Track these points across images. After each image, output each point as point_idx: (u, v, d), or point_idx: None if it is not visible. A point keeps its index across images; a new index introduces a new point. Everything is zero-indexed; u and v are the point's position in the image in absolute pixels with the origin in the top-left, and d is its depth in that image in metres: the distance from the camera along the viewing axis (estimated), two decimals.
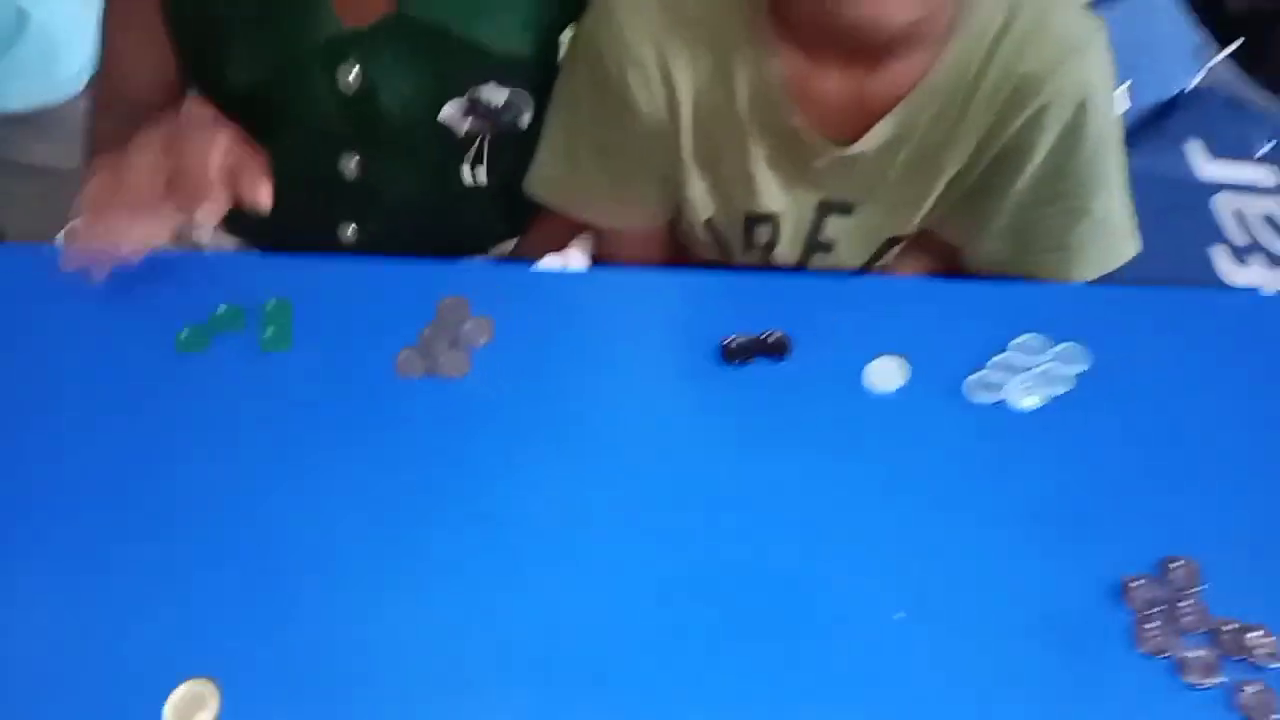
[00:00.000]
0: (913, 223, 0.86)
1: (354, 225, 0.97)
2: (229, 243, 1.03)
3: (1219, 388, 0.76)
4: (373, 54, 0.84)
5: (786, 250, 0.89)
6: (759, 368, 0.76)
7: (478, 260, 0.98)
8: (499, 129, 0.89)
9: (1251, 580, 0.67)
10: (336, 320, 0.78)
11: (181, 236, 0.93)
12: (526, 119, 0.88)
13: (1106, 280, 0.87)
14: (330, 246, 0.97)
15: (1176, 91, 1.36)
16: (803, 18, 0.75)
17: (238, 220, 1.03)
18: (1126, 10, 1.32)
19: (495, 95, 0.87)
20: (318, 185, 0.92)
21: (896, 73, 0.77)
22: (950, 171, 0.82)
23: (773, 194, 0.84)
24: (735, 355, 0.76)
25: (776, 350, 0.77)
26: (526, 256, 0.97)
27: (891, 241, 0.88)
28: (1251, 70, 1.41)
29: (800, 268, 0.90)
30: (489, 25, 0.84)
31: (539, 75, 0.87)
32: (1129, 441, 0.73)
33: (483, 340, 0.77)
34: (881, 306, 0.80)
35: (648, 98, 0.80)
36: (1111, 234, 0.86)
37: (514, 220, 1.01)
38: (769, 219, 0.87)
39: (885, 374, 0.76)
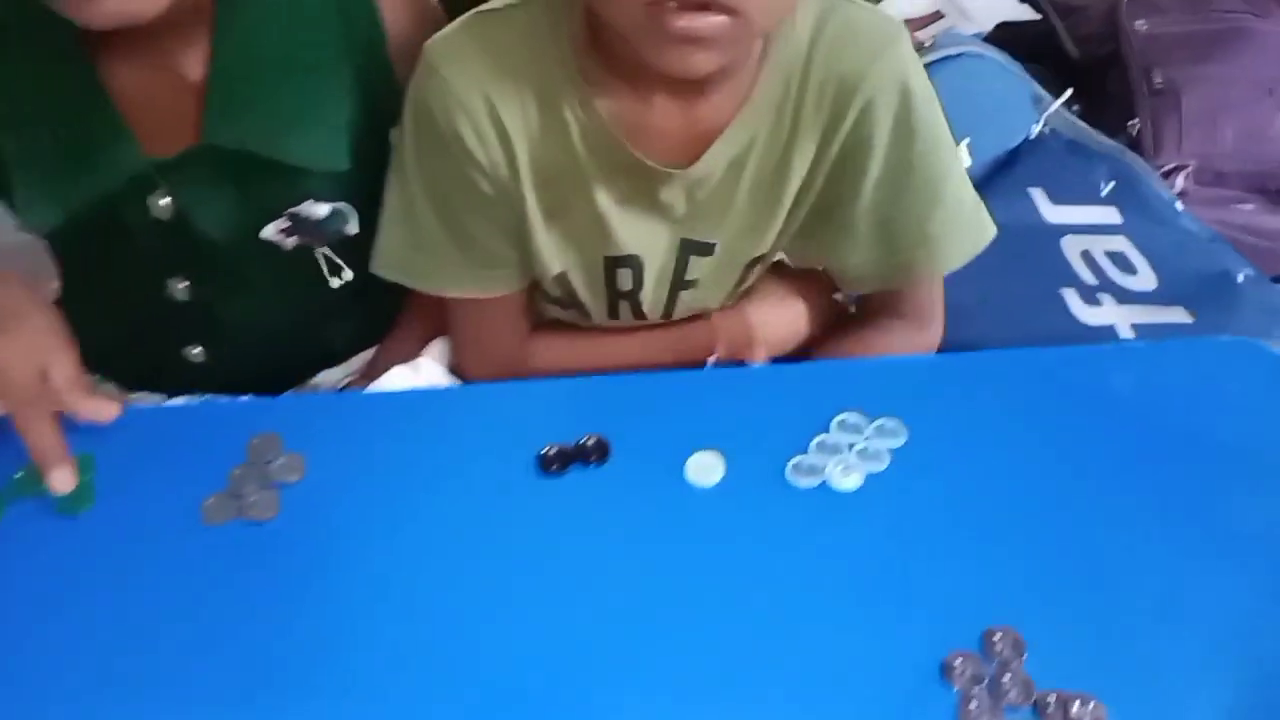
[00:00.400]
0: (767, 242, 0.87)
1: (200, 347, 0.95)
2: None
3: (1035, 449, 0.76)
4: (181, 184, 0.83)
5: (651, 293, 0.89)
6: (578, 474, 0.75)
7: (292, 394, 0.97)
8: (325, 240, 0.88)
9: (1076, 648, 0.66)
10: (141, 469, 0.76)
11: None
12: (353, 227, 0.88)
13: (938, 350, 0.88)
14: (178, 368, 0.95)
15: (1019, 142, 1.40)
16: (624, 57, 0.76)
17: (82, 356, 1.02)
18: (959, 68, 1.36)
19: (315, 210, 0.86)
20: (149, 310, 0.91)
21: (723, 97, 0.80)
22: (795, 184, 0.84)
23: (628, 234, 0.85)
24: (552, 464, 0.75)
25: (596, 454, 0.76)
26: (386, 364, 0.96)
27: (752, 264, 0.89)
28: (1090, 115, 1.45)
29: (666, 313, 0.91)
30: (298, 144, 0.83)
31: (359, 183, 0.86)
32: (946, 514, 0.72)
33: (294, 477, 0.75)
34: (701, 400, 0.79)
35: (484, 149, 0.80)
36: (967, 220, 0.89)
37: (383, 321, 1.00)
38: (629, 261, 0.86)
39: (706, 467, 0.75)
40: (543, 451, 0.75)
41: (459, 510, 0.74)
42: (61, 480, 0.73)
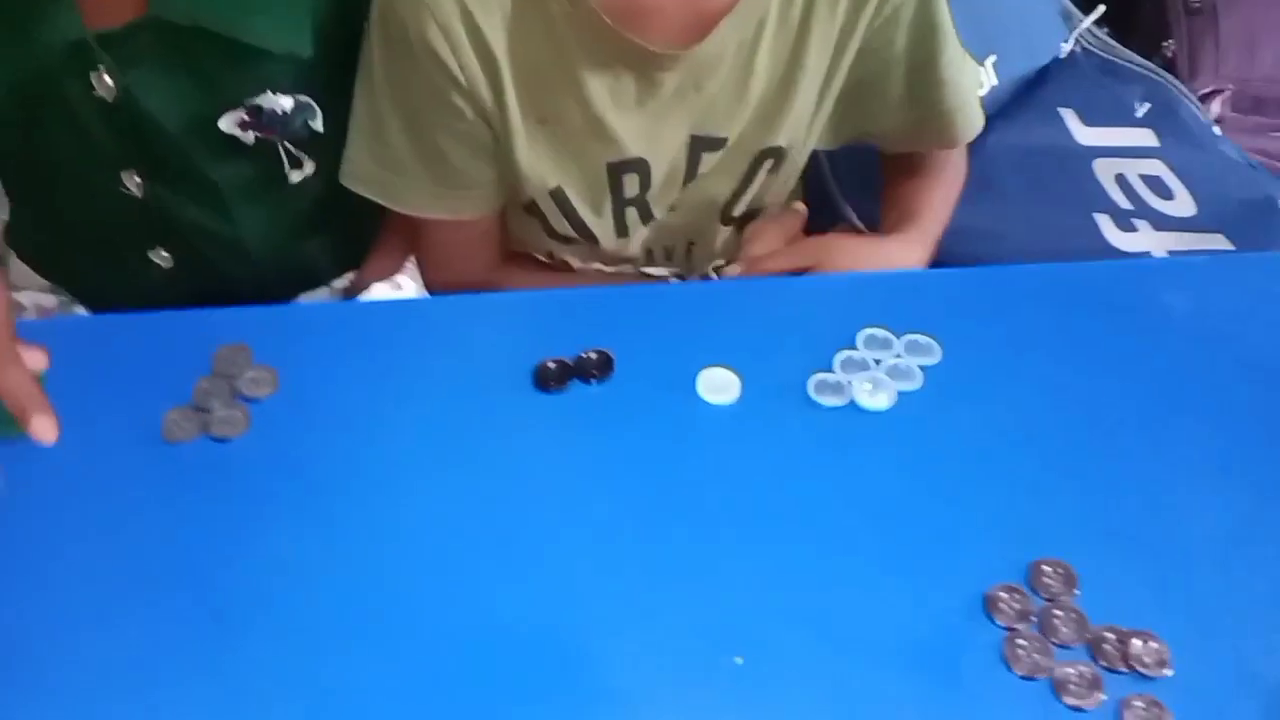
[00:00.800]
0: (781, 134, 0.81)
1: (163, 251, 0.88)
2: (49, 301, 0.94)
3: (1081, 369, 0.69)
4: (125, 60, 0.75)
5: (660, 194, 0.82)
6: (579, 390, 0.68)
7: (261, 306, 0.89)
8: (290, 136, 0.80)
9: (1132, 582, 0.59)
10: (97, 383, 0.68)
11: None
12: (319, 124, 0.80)
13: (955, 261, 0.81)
14: (145, 282, 0.88)
15: (1047, 61, 1.31)
16: None
17: (48, 271, 0.94)
18: None
19: (277, 103, 0.78)
20: (107, 207, 0.84)
21: None
22: (813, 71, 0.79)
23: (630, 135, 0.77)
24: (550, 379, 0.68)
25: (599, 369, 0.68)
26: (366, 283, 0.89)
27: (763, 155, 0.82)
28: (1122, 35, 1.36)
29: (672, 209, 0.84)
30: (257, 22, 0.75)
31: (325, 76, 0.79)
32: (987, 438, 0.65)
33: (265, 392, 0.68)
34: (713, 314, 0.72)
35: (458, 61, 0.73)
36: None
37: (364, 241, 0.93)
38: (635, 166, 0.79)
39: (720, 384, 0.68)
40: (540, 365, 0.68)
41: (447, 430, 0.66)
42: (43, 428, 0.65)
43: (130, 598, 0.59)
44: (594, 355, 0.68)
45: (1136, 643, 0.56)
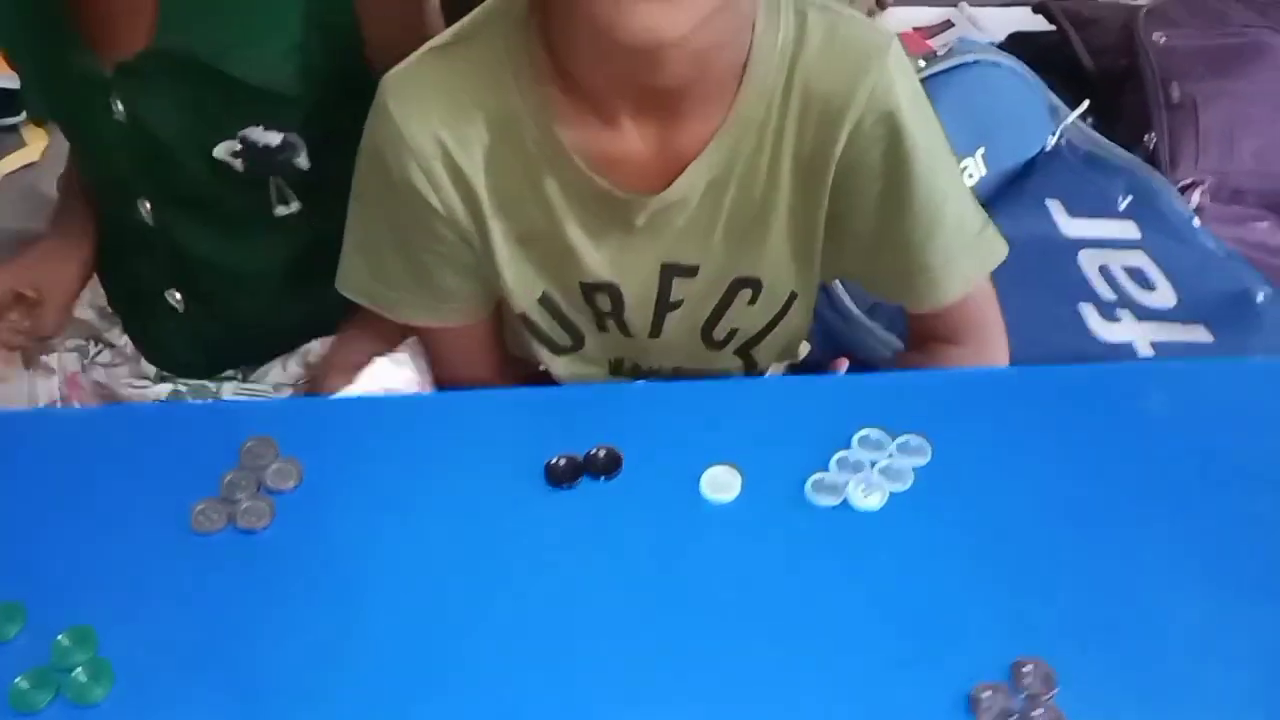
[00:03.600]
0: (758, 266, 0.83)
1: (178, 293, 0.98)
2: (88, 313, 1.06)
3: (1065, 470, 0.73)
4: (136, 88, 0.85)
5: (635, 314, 0.85)
6: (588, 486, 0.71)
7: (286, 396, 0.96)
8: (277, 170, 0.89)
9: (1110, 682, 0.63)
10: (128, 473, 0.72)
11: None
12: (304, 161, 0.88)
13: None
14: (163, 313, 0.99)
15: (1034, 153, 1.37)
16: (588, 83, 0.73)
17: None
18: (974, 76, 1.33)
19: (265, 137, 0.86)
20: (126, 232, 0.96)
21: (697, 120, 0.76)
22: (783, 209, 0.80)
23: (601, 262, 0.81)
24: (561, 475, 0.72)
25: (607, 466, 0.72)
26: (352, 342, 0.96)
27: (739, 284, 0.84)
28: (1104, 129, 1.42)
29: (654, 332, 0.87)
30: (246, 59, 0.84)
31: (311, 117, 0.87)
32: (974, 537, 0.69)
33: (290, 484, 0.71)
34: (718, 412, 0.76)
35: (437, 195, 0.78)
36: (970, 242, 0.84)
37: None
38: (605, 288, 0.83)
39: (722, 482, 0.72)
40: (551, 462, 0.72)
41: (462, 522, 0.70)
42: None
43: (158, 684, 0.62)
44: (602, 453, 0.72)
45: None
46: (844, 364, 1.01)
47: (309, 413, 0.78)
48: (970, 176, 1.29)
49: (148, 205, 0.92)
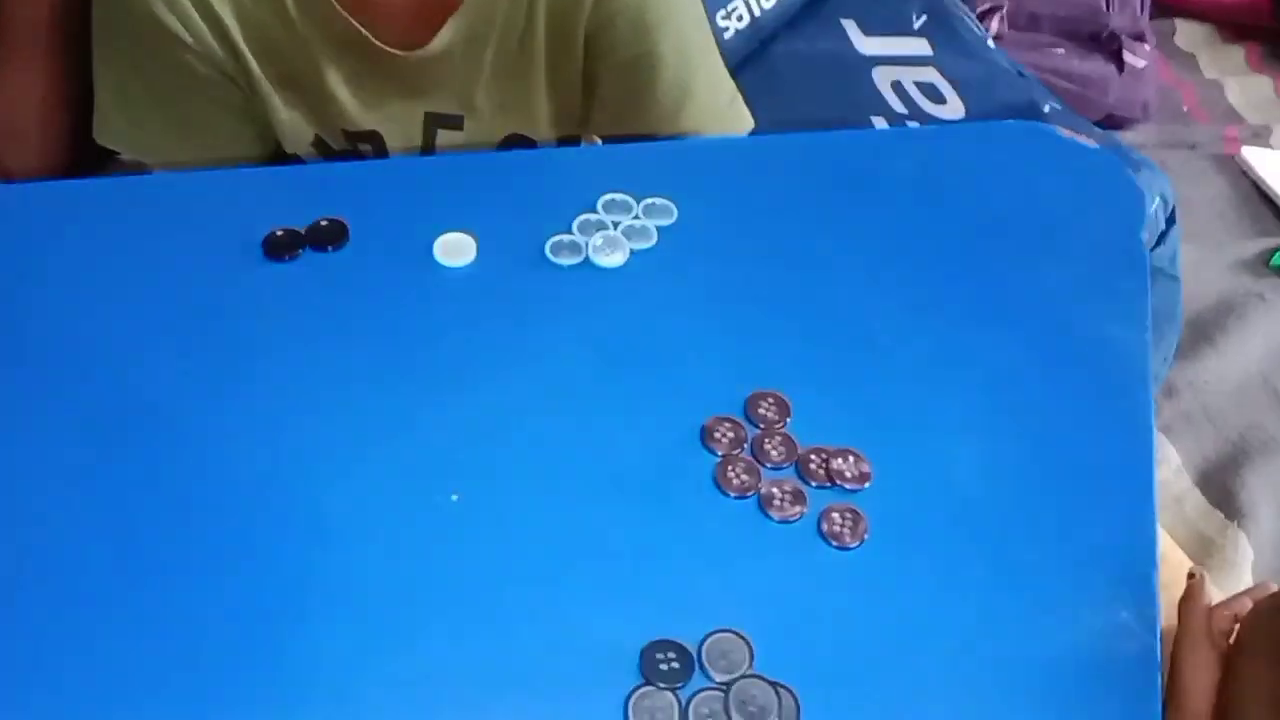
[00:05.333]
0: (539, 122, 0.81)
1: None
2: None
3: (808, 230, 0.72)
4: None
5: None
6: (311, 258, 0.67)
7: None
8: None
9: (841, 409, 0.62)
10: None
11: None
12: None
13: None
14: None
15: None
16: None
17: None
18: None
19: None
20: None
21: None
22: (542, 65, 0.78)
23: (363, 111, 0.78)
24: (281, 248, 0.67)
25: (331, 237, 0.68)
26: None
27: (511, 141, 0.82)
28: None
29: None
30: None
31: None
32: (718, 289, 0.68)
33: None
34: (452, 185, 0.72)
35: (188, 29, 0.72)
36: (720, 113, 0.84)
37: None
38: (368, 137, 0.80)
39: (457, 247, 0.68)
40: (270, 234, 0.67)
41: (176, 305, 0.65)
42: None
43: None
44: (326, 223, 0.68)
45: (838, 460, 0.60)
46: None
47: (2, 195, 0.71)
48: (741, 20, 1.26)
49: None
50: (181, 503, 0.56)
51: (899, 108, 1.24)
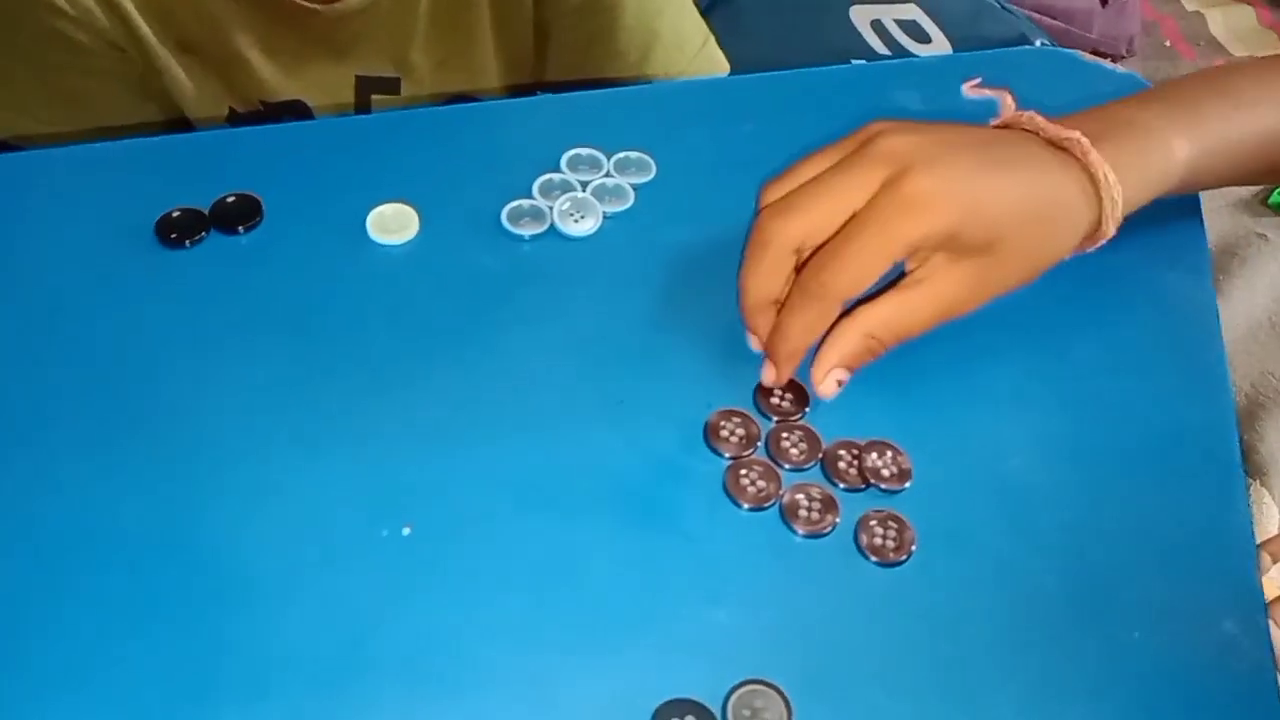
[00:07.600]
0: (486, 79, 0.73)
1: None
2: None
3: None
4: None
5: None
6: (218, 241, 0.55)
7: None
8: None
9: (864, 393, 0.51)
10: None
11: None
12: None
13: None
14: None
15: None
16: None
17: None
18: None
19: None
20: None
21: None
22: (486, 12, 0.70)
23: (281, 78, 0.68)
24: (177, 232, 0.55)
25: (241, 216, 0.56)
26: None
27: (458, 100, 0.73)
28: None
29: None
30: None
31: None
32: (707, 258, 0.56)
33: None
34: (387, 146, 0.60)
35: None
36: (690, 58, 0.75)
37: None
38: (291, 106, 0.70)
39: (394, 220, 0.57)
40: (163, 216, 0.55)
41: (41, 302, 0.53)
42: None
43: None
44: (234, 199, 0.56)
45: (873, 456, 0.49)
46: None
47: None
48: None
49: None
50: (54, 543, 0.45)
51: (880, 48, 1.14)
